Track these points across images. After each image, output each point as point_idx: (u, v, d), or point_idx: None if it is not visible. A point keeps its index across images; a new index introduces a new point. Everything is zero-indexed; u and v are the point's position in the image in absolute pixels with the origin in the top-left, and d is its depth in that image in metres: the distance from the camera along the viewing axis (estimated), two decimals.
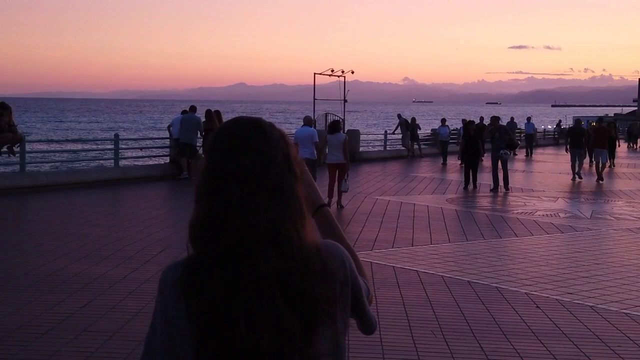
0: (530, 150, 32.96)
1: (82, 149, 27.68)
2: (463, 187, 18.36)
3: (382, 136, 31.39)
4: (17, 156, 16.00)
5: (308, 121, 14.89)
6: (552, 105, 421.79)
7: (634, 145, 41.57)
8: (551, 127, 49.91)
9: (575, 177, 21.23)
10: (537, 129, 39.03)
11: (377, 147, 31.04)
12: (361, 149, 27.74)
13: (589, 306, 7.23)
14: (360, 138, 27.78)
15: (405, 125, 29.34)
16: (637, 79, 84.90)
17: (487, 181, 18.73)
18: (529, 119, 36.50)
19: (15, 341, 5.78)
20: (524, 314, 6.87)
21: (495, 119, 19.03)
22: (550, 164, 27.93)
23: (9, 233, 10.80)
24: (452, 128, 32.85)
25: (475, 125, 20.69)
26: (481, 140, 19.59)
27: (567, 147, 22.36)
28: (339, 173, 14.11)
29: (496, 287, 7.93)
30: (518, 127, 36.80)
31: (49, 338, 5.85)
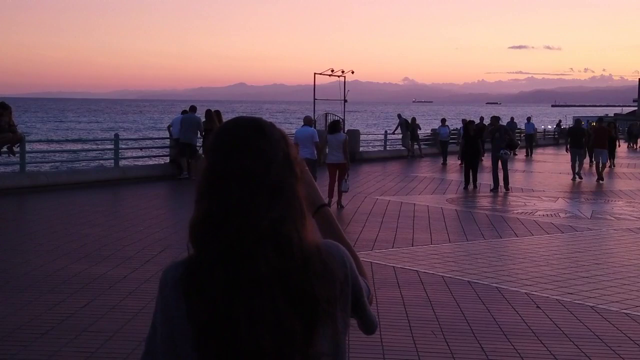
0: (530, 150, 32.96)
1: (82, 149, 27.67)
2: (463, 187, 18.36)
3: (382, 136, 31.39)
4: (17, 156, 16.00)
5: (308, 121, 14.89)
6: (552, 105, 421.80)
7: (634, 145, 41.57)
8: (551, 127, 49.91)
9: (576, 177, 21.23)
10: (537, 129, 39.03)
11: (377, 147, 31.04)
12: (361, 149, 27.73)
13: (590, 306, 7.23)
14: (360, 138, 27.77)
15: (405, 125, 29.34)
16: (637, 79, 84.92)
17: (487, 181, 18.73)
18: (529, 119, 36.50)
19: (15, 341, 5.77)
20: (524, 314, 6.86)
21: (495, 119, 19.02)
22: (550, 164, 27.92)
23: (9, 233, 10.80)
24: (452, 128, 32.84)
25: (475, 125, 20.69)
26: (481, 140, 19.59)
27: (567, 147, 22.37)
28: (339, 173, 14.11)
29: (496, 287, 7.93)
30: (518, 127, 36.80)
31: (49, 338, 5.85)
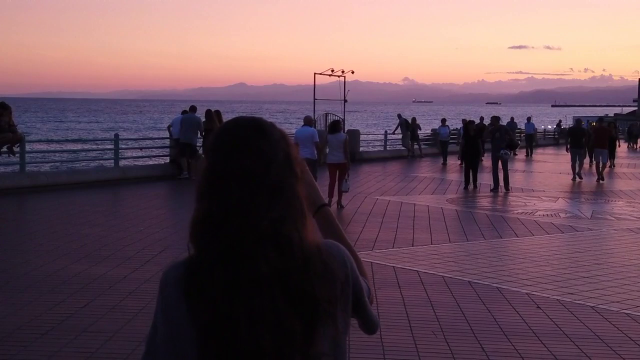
0: (530, 150, 32.96)
1: (82, 149, 27.66)
2: (463, 187, 18.36)
3: (382, 136, 31.39)
4: (17, 156, 16.00)
5: (308, 121, 14.89)
6: (552, 105, 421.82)
7: (634, 145, 41.58)
8: (551, 127, 49.92)
9: (576, 177, 21.23)
10: (537, 129, 39.04)
11: (377, 147, 31.04)
12: (361, 149, 27.73)
13: (590, 306, 7.22)
14: (360, 138, 27.77)
15: (406, 125, 29.34)
16: (637, 79, 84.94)
17: (488, 181, 18.73)
18: (529, 119, 36.50)
19: (15, 341, 5.77)
20: (524, 314, 6.86)
21: (495, 119, 19.01)
22: (550, 164, 27.92)
23: (9, 233, 10.80)
24: (452, 128, 32.84)
25: (475, 125, 20.69)
26: (481, 140, 19.58)
27: (568, 147, 22.36)
28: (339, 173, 14.11)
29: (497, 287, 7.92)
30: (518, 127, 36.80)
31: (49, 338, 5.85)
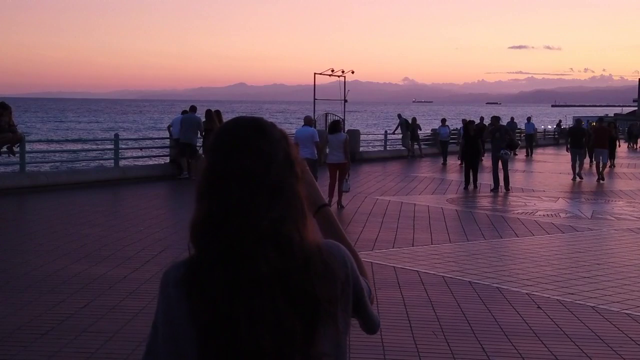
0: (530, 150, 32.96)
1: (82, 149, 27.66)
2: (463, 187, 18.35)
3: (382, 136, 31.39)
4: (17, 156, 16.00)
5: (308, 121, 14.89)
6: (552, 105, 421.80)
7: (634, 145, 41.58)
8: (551, 127, 49.92)
9: (576, 177, 21.22)
10: (537, 129, 39.04)
11: (377, 147, 31.04)
12: (361, 149, 27.73)
13: (590, 306, 7.22)
14: (361, 138, 27.77)
15: (406, 125, 29.34)
16: (637, 79, 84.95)
17: (488, 181, 18.72)
18: (529, 119, 36.50)
19: (15, 342, 5.76)
20: (525, 315, 6.85)
21: (495, 119, 19.01)
22: (550, 164, 27.92)
23: (9, 233, 10.79)
24: (452, 128, 32.84)
25: (475, 125, 20.68)
26: (481, 140, 19.58)
27: (568, 147, 22.35)
28: (339, 173, 14.11)
29: (497, 287, 7.92)
30: (518, 127, 36.80)
31: (49, 339, 5.84)
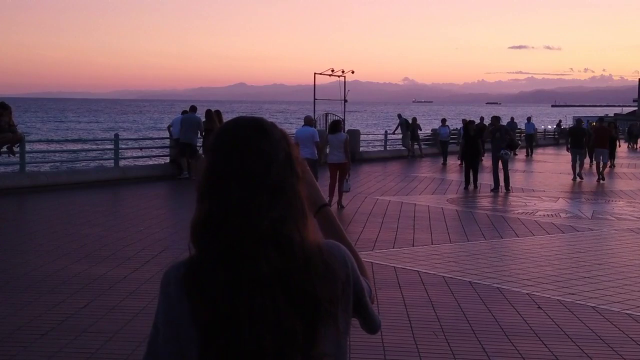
0: (530, 150, 32.96)
1: (82, 149, 27.63)
2: (463, 187, 18.35)
3: (382, 136, 31.38)
4: (17, 156, 15.99)
5: (309, 121, 14.89)
6: (552, 105, 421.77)
7: (634, 145, 41.57)
8: (551, 127, 49.91)
9: (576, 177, 21.21)
10: (537, 129, 39.03)
11: (378, 147, 31.03)
12: (361, 149, 27.72)
13: (591, 307, 7.21)
14: (361, 138, 27.77)
15: (406, 125, 29.33)
16: (637, 79, 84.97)
17: (488, 181, 18.72)
18: (529, 119, 36.50)
19: (15, 342, 5.76)
20: (525, 315, 6.85)
21: (495, 119, 18.99)
22: (550, 164, 27.92)
23: (9, 233, 10.78)
24: (452, 128, 32.83)
25: (475, 125, 20.67)
26: (481, 140, 19.57)
27: (568, 147, 22.35)
28: (340, 173, 14.11)
29: (497, 287, 7.91)
30: (518, 127, 36.80)
31: (49, 339, 5.84)
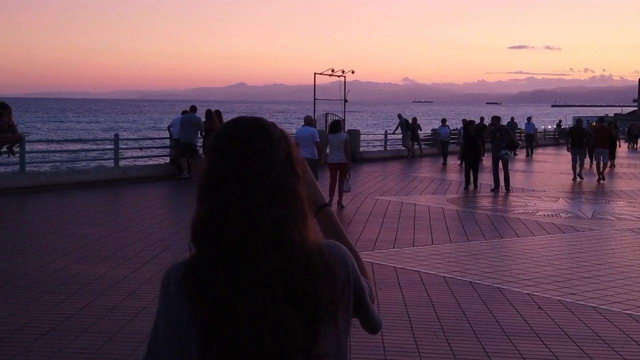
0: (530, 150, 32.96)
1: (82, 149, 27.63)
2: (464, 187, 18.34)
3: (383, 136, 31.38)
4: (17, 156, 15.99)
5: (309, 121, 14.89)
6: (552, 106, 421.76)
7: (634, 145, 41.57)
8: (551, 127, 49.92)
9: (576, 177, 21.21)
10: (537, 129, 39.03)
11: (378, 147, 31.03)
12: (361, 149, 27.72)
13: (591, 307, 7.20)
14: (361, 138, 27.77)
15: (406, 125, 29.33)
16: (637, 79, 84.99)
17: (488, 181, 18.72)
18: (529, 119, 36.50)
19: (15, 342, 5.75)
20: (526, 315, 6.84)
21: (495, 119, 18.99)
22: (550, 164, 27.91)
23: (9, 233, 10.78)
24: (453, 128, 32.83)
25: (475, 125, 20.66)
26: (481, 140, 19.57)
27: (568, 147, 22.34)
28: (340, 173, 14.10)
29: (498, 287, 7.90)
30: (518, 127, 36.79)
31: (49, 339, 5.83)
